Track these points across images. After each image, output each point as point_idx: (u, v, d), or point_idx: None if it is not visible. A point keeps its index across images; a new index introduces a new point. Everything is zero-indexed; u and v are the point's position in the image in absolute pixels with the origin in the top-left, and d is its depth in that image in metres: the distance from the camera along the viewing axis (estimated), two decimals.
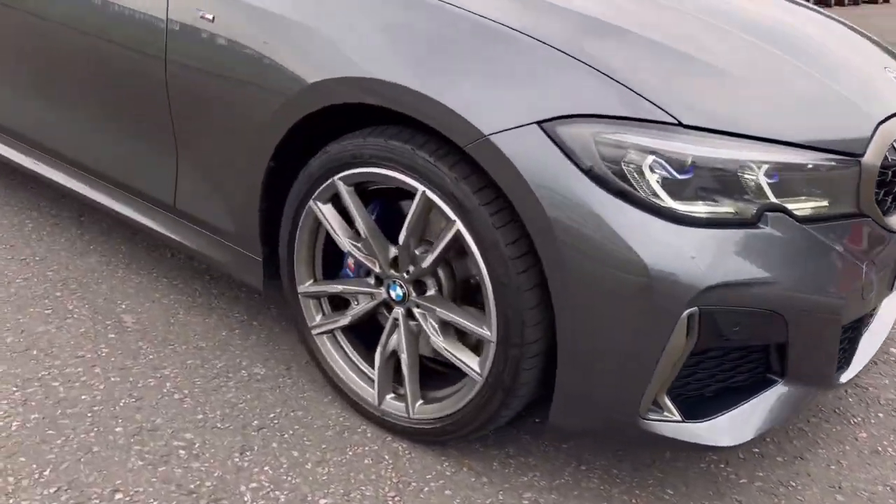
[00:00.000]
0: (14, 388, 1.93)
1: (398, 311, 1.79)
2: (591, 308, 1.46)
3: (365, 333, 1.94)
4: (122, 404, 1.92)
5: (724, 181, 1.46)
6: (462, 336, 1.74)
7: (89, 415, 1.87)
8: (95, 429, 1.83)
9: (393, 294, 1.78)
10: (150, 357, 2.10)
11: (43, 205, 2.96)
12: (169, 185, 2.15)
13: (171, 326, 2.25)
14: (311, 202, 1.82)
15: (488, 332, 1.60)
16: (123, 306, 2.33)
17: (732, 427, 1.58)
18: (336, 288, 1.88)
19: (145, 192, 2.22)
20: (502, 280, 1.55)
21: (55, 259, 2.56)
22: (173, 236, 2.22)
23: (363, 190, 1.78)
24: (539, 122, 1.46)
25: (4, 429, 1.80)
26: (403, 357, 1.79)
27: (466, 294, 1.76)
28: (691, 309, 1.42)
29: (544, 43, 1.52)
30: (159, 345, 2.16)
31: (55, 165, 2.48)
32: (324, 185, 1.79)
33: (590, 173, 1.44)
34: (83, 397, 1.93)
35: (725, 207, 1.46)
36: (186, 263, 2.61)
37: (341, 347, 1.94)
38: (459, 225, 1.58)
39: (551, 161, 1.45)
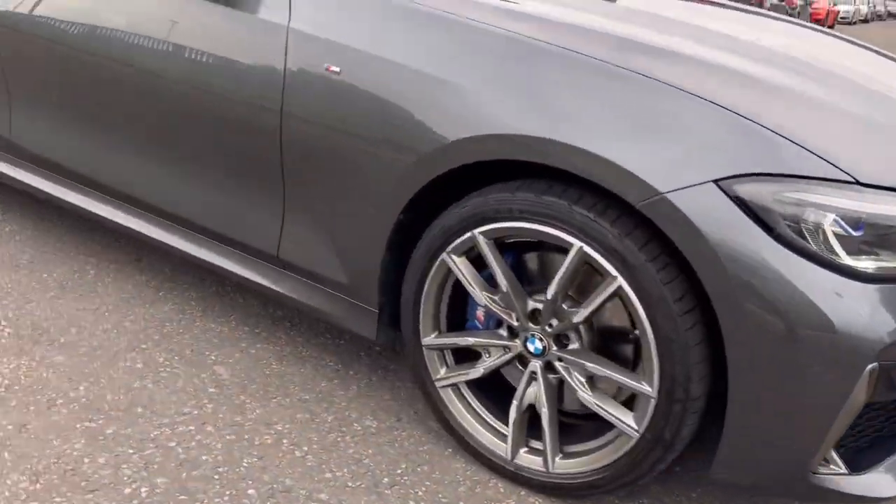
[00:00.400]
0: (131, 451, 1.87)
1: (536, 365, 1.78)
2: (770, 364, 1.47)
3: (486, 385, 1.92)
4: (245, 464, 1.86)
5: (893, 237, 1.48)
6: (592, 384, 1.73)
7: (216, 477, 1.82)
8: (228, 492, 1.77)
9: (531, 347, 1.77)
10: (258, 412, 2.05)
11: (98, 249, 2.88)
12: (273, 236, 2.11)
13: (269, 378, 2.21)
14: (444, 255, 1.81)
15: (648, 388, 1.60)
16: (213, 357, 2.28)
17: (893, 476, 1.59)
18: (467, 340, 1.86)
19: (246, 242, 2.17)
20: (669, 335, 1.54)
21: (128, 308, 2.49)
22: (272, 286, 2.18)
23: (500, 243, 1.77)
24: (716, 181, 1.47)
25: (134, 496, 1.73)
26: (544, 411, 1.77)
27: (602, 345, 1.75)
28: (873, 364, 1.44)
29: (714, 103, 1.53)
30: (262, 398, 2.11)
31: (137, 214, 2.42)
32: (461, 239, 1.77)
33: (771, 231, 1.45)
34: (204, 458, 1.87)
35: (893, 262, 1.48)
36: (262, 310, 2.56)
37: (466, 400, 1.92)
38: (621, 281, 1.57)
39: (730, 219, 1.45)
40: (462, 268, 1.80)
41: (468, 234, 1.76)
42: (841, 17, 35.81)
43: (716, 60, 1.75)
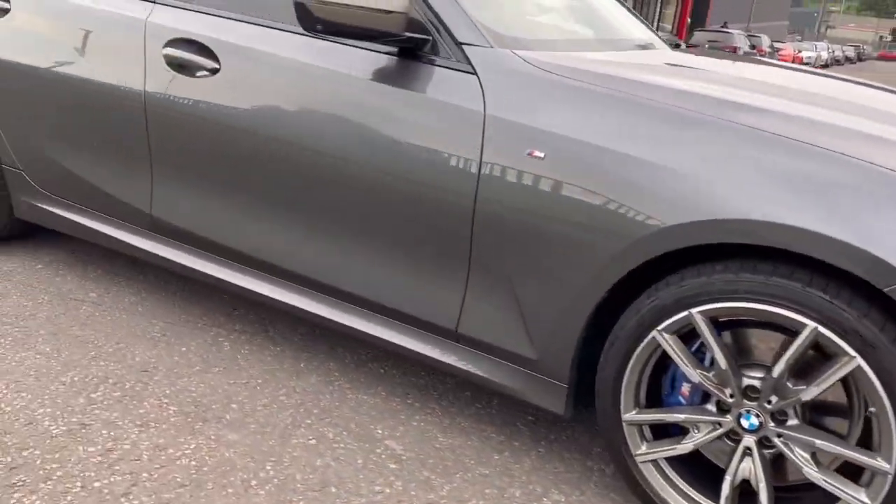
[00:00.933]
0: None
1: (749, 440, 1.82)
2: None
3: (685, 459, 1.96)
4: None
5: None
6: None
7: None
8: None
9: (745, 423, 1.81)
10: (447, 488, 2.07)
11: (221, 319, 2.89)
12: (452, 311, 2.14)
13: (441, 452, 2.22)
14: (655, 332, 1.85)
15: (887, 465, 1.65)
16: (380, 431, 2.29)
17: None
18: (677, 417, 1.90)
19: (420, 317, 2.20)
20: None
21: (276, 381, 2.50)
22: (446, 360, 2.21)
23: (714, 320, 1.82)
24: None
25: None
26: (761, 486, 1.81)
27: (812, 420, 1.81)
28: None
29: None
30: (444, 474, 2.13)
31: (299, 290, 2.44)
32: (677, 318, 1.82)
33: None
34: None
35: None
36: (404, 379, 2.59)
37: (667, 475, 1.95)
38: (860, 361, 1.63)
39: None
40: (674, 345, 1.84)
41: (684, 313, 1.81)
42: (805, 61, 37.06)
43: None
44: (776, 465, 1.86)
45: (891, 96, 2.50)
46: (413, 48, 2.14)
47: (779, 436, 1.79)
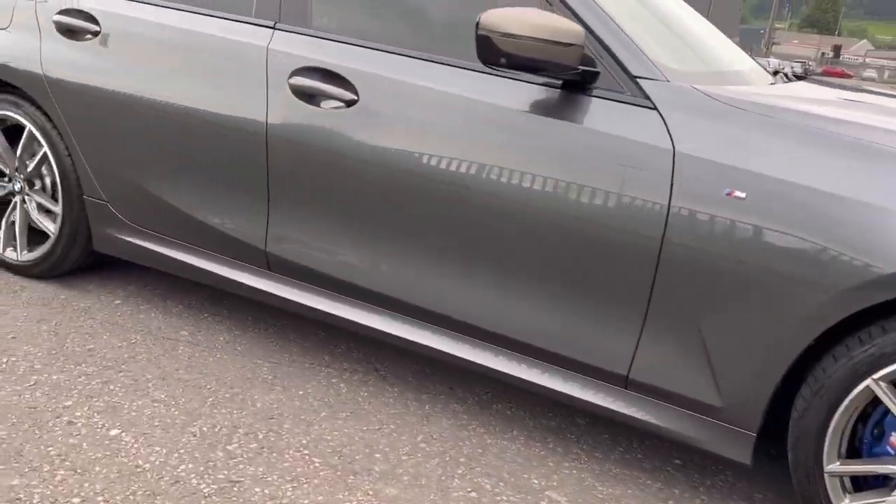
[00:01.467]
0: None
1: None
2: None
3: None
4: None
5: None
6: None
7: None
8: None
9: None
10: None
11: (327, 358, 2.76)
12: (624, 357, 2.05)
13: (605, 503, 2.13)
14: (870, 380, 1.79)
15: None
16: (536, 482, 2.19)
17: None
18: (890, 468, 1.84)
19: (588, 362, 2.11)
20: None
21: (409, 427, 2.38)
22: (611, 406, 2.12)
23: None
24: None
25: None
26: None
27: None
28: None
29: None
30: None
31: (441, 332, 2.32)
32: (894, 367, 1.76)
33: None
34: None
35: None
36: (537, 422, 2.50)
37: None
38: None
39: None
40: (891, 394, 1.78)
41: None
42: None
43: None
44: None
45: None
46: (581, 81, 2.05)
47: None
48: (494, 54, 1.92)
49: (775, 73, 2.87)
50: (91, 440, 2.13)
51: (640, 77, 2.02)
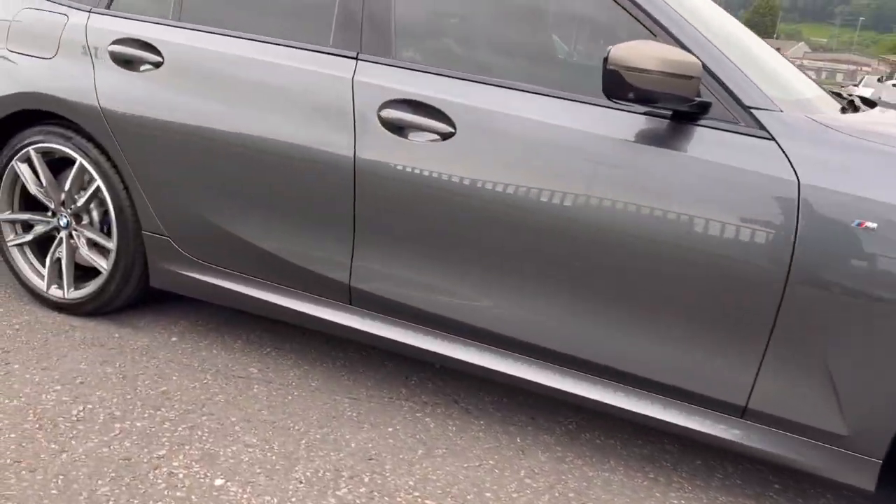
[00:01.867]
0: None
1: None
2: None
3: None
4: None
5: None
6: None
7: None
8: None
9: None
10: None
11: (404, 391, 2.72)
12: (743, 387, 2.05)
13: None
14: None
15: None
16: None
17: None
18: None
19: (704, 393, 2.10)
20: None
21: (507, 462, 2.36)
22: (728, 437, 2.11)
23: None
24: None
25: None
26: None
27: None
28: None
29: None
30: None
31: (542, 366, 2.30)
32: None
33: None
34: None
35: None
36: (627, 449, 2.49)
37: None
38: None
39: None
40: None
41: None
42: None
43: None
44: None
45: None
46: (695, 112, 2.04)
47: None
48: (623, 88, 1.90)
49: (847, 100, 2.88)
50: (199, 493, 2.05)
51: (754, 108, 2.02)
